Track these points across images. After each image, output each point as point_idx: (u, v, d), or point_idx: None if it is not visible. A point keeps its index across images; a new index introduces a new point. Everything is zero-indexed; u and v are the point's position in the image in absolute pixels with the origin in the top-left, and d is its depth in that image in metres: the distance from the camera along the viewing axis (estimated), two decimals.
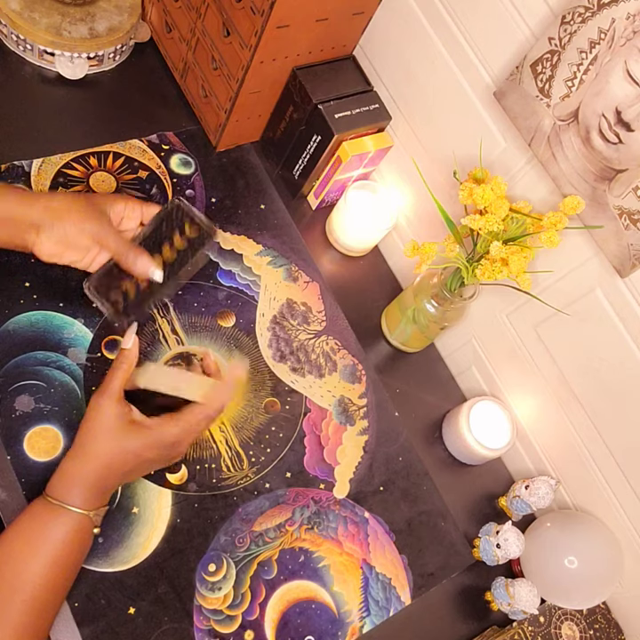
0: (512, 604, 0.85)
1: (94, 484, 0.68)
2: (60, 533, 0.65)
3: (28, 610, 0.63)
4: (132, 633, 0.72)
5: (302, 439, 0.87)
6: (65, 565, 0.66)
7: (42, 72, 0.94)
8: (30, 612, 0.63)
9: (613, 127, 0.69)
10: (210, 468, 0.82)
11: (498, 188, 0.76)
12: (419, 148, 0.94)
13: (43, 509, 0.66)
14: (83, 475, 0.67)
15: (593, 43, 0.68)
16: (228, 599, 0.77)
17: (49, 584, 0.65)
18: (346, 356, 0.94)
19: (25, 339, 0.79)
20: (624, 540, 0.89)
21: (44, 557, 0.64)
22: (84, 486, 0.67)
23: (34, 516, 0.66)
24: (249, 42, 0.84)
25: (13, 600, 0.62)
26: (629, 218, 0.71)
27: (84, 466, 0.68)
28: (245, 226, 0.96)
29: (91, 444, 0.68)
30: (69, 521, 0.66)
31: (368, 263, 1.04)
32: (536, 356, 0.91)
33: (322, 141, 0.93)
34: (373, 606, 0.82)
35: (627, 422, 0.83)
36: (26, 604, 0.63)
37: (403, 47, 0.90)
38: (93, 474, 0.68)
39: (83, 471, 0.68)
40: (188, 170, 0.97)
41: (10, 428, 0.75)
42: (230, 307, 0.91)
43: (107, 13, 0.94)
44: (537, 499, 0.90)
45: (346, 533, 0.84)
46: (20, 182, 0.86)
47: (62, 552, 0.65)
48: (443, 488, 0.93)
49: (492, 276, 0.78)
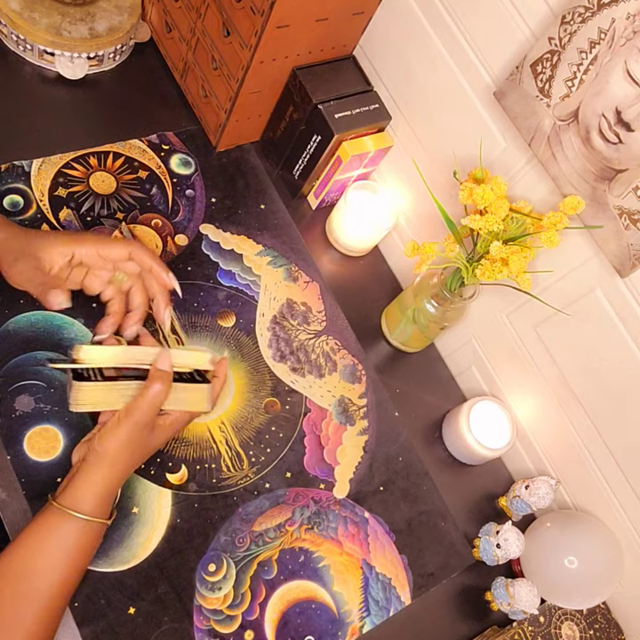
0: (512, 604, 0.85)
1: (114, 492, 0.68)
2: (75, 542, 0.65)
3: (43, 619, 0.63)
4: (131, 633, 0.72)
5: (302, 439, 0.87)
6: (76, 572, 0.66)
7: (42, 72, 0.94)
8: (44, 621, 0.63)
9: (613, 127, 0.69)
10: (210, 467, 0.82)
11: (498, 187, 0.76)
12: (419, 148, 0.94)
13: (58, 519, 0.65)
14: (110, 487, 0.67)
15: (593, 43, 0.68)
16: (227, 599, 0.77)
17: (63, 592, 0.64)
18: (346, 356, 0.94)
19: (25, 339, 0.79)
20: (624, 540, 0.89)
21: (58, 567, 0.64)
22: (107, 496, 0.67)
23: (48, 526, 0.65)
24: (249, 42, 0.84)
25: (28, 611, 0.62)
26: (629, 218, 0.71)
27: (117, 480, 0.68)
28: (245, 226, 0.96)
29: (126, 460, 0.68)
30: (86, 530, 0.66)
31: (368, 263, 1.04)
32: (536, 356, 0.91)
33: (322, 141, 0.93)
34: (373, 606, 0.82)
35: (627, 422, 0.83)
36: (40, 613, 0.63)
37: (403, 47, 0.90)
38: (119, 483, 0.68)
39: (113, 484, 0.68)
40: (188, 170, 0.97)
41: (10, 427, 0.75)
42: (230, 307, 0.91)
43: (107, 13, 0.94)
44: (537, 499, 0.90)
45: (346, 533, 0.84)
46: (20, 182, 0.86)
47: (75, 560, 0.65)
48: (443, 488, 0.93)
49: (492, 276, 0.78)
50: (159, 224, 0.91)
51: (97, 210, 0.88)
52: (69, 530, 0.65)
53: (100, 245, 0.74)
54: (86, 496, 0.66)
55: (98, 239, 0.75)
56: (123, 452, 0.67)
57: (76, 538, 0.65)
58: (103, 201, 0.89)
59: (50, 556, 0.64)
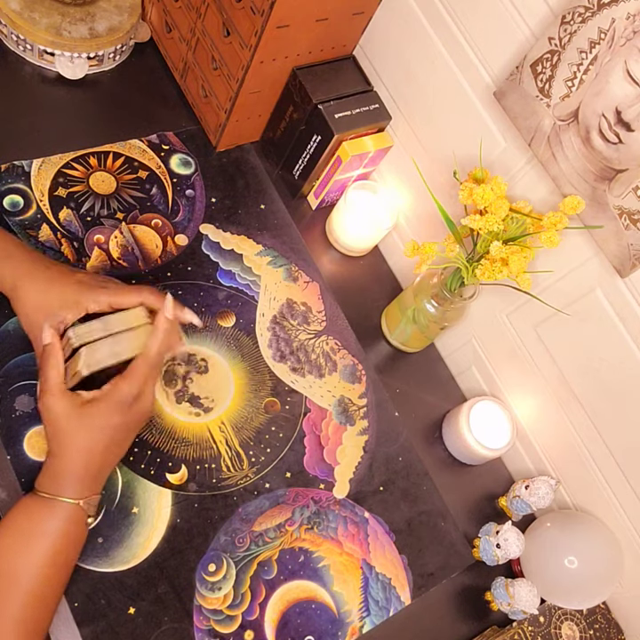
0: (512, 604, 0.85)
1: (81, 474, 0.68)
2: (53, 526, 0.66)
3: (28, 603, 0.64)
4: (131, 633, 0.72)
5: (302, 439, 0.87)
6: (60, 558, 0.66)
7: (42, 72, 0.94)
8: (29, 605, 0.64)
9: (613, 127, 0.69)
10: (210, 467, 0.82)
11: (498, 188, 0.76)
12: (419, 148, 0.94)
13: (34, 503, 0.66)
14: (69, 468, 0.68)
15: (593, 43, 0.68)
16: (227, 599, 0.77)
17: (46, 577, 0.65)
18: (346, 356, 0.94)
19: (25, 339, 0.78)
20: (624, 540, 0.89)
21: (38, 550, 0.65)
22: (73, 478, 0.67)
23: (25, 510, 0.66)
24: (249, 42, 0.84)
25: (12, 594, 0.63)
26: (629, 218, 0.71)
27: (68, 461, 0.68)
28: (245, 226, 0.96)
29: (63, 440, 0.68)
30: (62, 512, 0.66)
31: (368, 263, 1.04)
32: (536, 356, 0.91)
33: (322, 141, 0.93)
34: (373, 606, 0.82)
35: (627, 422, 0.83)
36: (25, 597, 0.63)
37: (403, 47, 0.90)
38: (78, 465, 0.68)
39: (68, 465, 0.68)
40: (188, 170, 0.97)
41: (10, 428, 0.75)
42: (230, 307, 0.91)
43: (107, 13, 0.94)
44: (537, 499, 0.90)
45: (346, 533, 0.84)
46: (20, 182, 0.86)
47: (57, 544, 0.66)
48: (443, 488, 0.93)
49: (492, 276, 0.78)
50: (159, 224, 0.91)
51: (97, 210, 0.88)
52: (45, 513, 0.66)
53: (114, 298, 0.73)
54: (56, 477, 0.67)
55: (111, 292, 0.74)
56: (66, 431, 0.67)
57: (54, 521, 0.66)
58: (103, 201, 0.89)
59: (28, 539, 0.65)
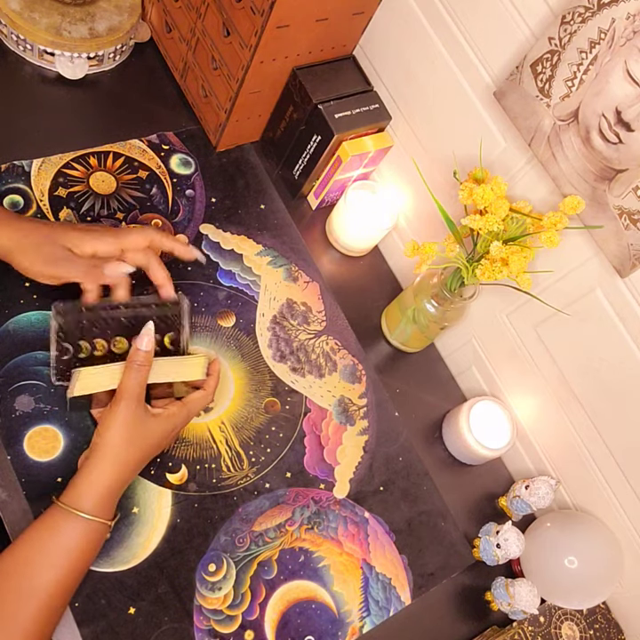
0: (512, 604, 0.85)
1: (118, 491, 0.68)
2: (76, 542, 0.65)
3: (42, 617, 0.63)
4: (131, 633, 0.72)
5: (302, 439, 0.87)
6: (77, 572, 0.66)
7: (42, 72, 0.94)
8: (42, 619, 0.63)
9: (613, 127, 0.69)
10: (210, 467, 0.82)
11: (498, 188, 0.76)
12: (419, 148, 0.94)
13: (60, 517, 0.65)
14: (112, 484, 0.67)
15: (593, 43, 0.68)
16: (228, 599, 0.77)
17: (63, 591, 0.64)
18: (346, 356, 0.94)
19: (25, 339, 0.79)
20: (624, 540, 0.89)
21: (59, 566, 0.64)
22: (110, 495, 0.67)
23: (52, 525, 0.65)
24: (249, 42, 0.84)
25: (27, 608, 0.62)
26: (629, 218, 0.71)
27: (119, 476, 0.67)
28: (245, 226, 0.96)
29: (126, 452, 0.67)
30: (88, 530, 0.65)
31: (368, 263, 1.04)
32: (536, 356, 0.91)
33: (322, 141, 0.93)
34: (373, 606, 0.82)
35: (627, 422, 0.83)
36: (39, 612, 0.63)
37: (403, 47, 0.90)
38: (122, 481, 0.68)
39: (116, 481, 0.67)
40: (188, 170, 0.97)
41: (10, 428, 0.75)
42: (230, 307, 0.91)
43: (107, 13, 0.94)
44: (537, 499, 0.90)
45: (346, 533, 0.84)
46: (20, 182, 0.86)
47: (77, 560, 0.65)
48: (443, 488, 0.93)
49: (492, 276, 0.78)
50: (159, 224, 0.91)
51: (97, 210, 0.88)
52: (70, 529, 0.65)
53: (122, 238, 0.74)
54: (87, 494, 0.66)
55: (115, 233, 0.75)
56: (121, 440, 0.67)
57: (77, 537, 0.65)
58: (103, 201, 0.89)
59: (50, 554, 0.64)
